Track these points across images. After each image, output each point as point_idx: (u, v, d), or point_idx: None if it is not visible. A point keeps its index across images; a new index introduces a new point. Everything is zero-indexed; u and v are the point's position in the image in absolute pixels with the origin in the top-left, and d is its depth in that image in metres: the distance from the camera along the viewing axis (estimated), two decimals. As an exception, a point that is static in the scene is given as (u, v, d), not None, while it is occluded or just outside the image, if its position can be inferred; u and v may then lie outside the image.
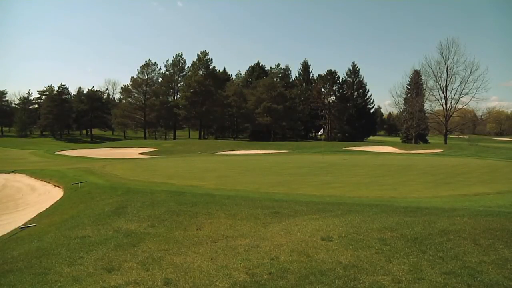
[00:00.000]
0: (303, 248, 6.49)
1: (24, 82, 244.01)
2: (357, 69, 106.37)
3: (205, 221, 8.85)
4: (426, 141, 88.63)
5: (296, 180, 17.53)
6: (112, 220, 9.43)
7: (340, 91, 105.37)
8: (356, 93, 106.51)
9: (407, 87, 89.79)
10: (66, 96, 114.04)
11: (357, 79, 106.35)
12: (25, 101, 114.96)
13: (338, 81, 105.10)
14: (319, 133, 53.85)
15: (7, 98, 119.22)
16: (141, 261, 6.18)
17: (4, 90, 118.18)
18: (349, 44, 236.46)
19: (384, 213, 8.95)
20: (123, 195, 13.01)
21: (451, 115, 75.69)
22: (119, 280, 5.39)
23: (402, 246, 6.38)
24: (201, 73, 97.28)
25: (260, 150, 52.24)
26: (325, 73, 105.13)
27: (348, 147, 55.99)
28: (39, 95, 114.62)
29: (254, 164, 25.99)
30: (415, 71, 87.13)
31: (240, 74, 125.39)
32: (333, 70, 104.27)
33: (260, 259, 6.05)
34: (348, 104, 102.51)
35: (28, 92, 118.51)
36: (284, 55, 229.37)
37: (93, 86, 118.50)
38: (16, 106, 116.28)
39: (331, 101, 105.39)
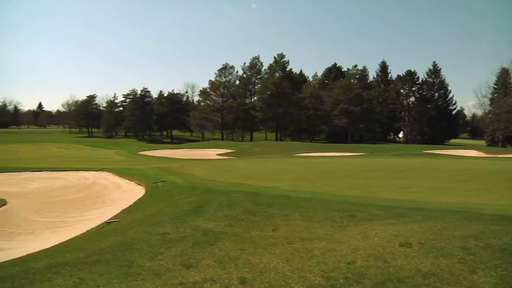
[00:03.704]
0: (380, 253, 6.29)
1: (111, 86, 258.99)
2: (438, 68, 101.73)
3: (281, 222, 8.86)
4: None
5: (373, 183, 17.13)
6: (191, 219, 9.69)
7: (420, 92, 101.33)
8: (437, 94, 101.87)
9: (493, 87, 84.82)
10: (148, 99, 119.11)
11: (438, 79, 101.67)
12: (111, 104, 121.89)
13: (417, 82, 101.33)
14: (399, 135, 52.17)
15: (96, 102, 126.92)
16: (218, 259, 6.29)
17: (93, 94, 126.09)
18: (430, 42, 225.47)
19: (467, 221, 8.46)
20: (201, 194, 13.34)
21: (545, 116, 70.27)
22: (197, 277, 5.52)
23: (488, 257, 5.96)
24: (277, 75, 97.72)
25: (337, 152, 51.61)
26: (404, 74, 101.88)
27: (428, 150, 53.81)
28: (123, 99, 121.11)
29: (331, 167, 25.71)
30: (503, 69, 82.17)
31: (317, 76, 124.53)
32: (412, 70, 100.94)
33: (336, 262, 5.94)
34: (428, 106, 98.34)
35: (114, 95, 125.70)
36: (361, 55, 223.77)
37: (173, 89, 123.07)
38: (104, 109, 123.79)
39: (410, 102, 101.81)
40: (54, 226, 13.43)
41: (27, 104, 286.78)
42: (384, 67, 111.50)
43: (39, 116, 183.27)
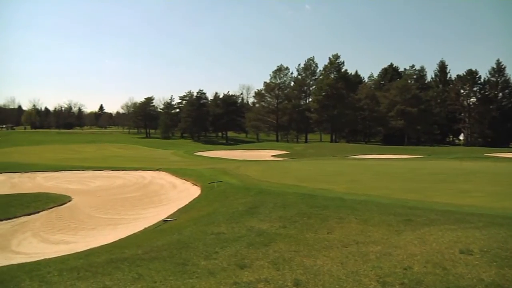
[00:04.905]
0: (438, 259, 6.07)
1: (168, 88, 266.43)
2: (503, 67, 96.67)
3: (335, 225, 8.75)
4: None
5: (431, 187, 16.57)
6: (245, 219, 9.76)
7: (482, 92, 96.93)
8: (500, 94, 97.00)
9: None
10: (204, 100, 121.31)
11: (502, 78, 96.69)
12: (168, 106, 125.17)
13: (479, 81, 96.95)
14: (460, 137, 49.99)
15: (153, 104, 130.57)
16: (272, 260, 6.30)
17: (151, 97, 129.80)
18: (493, 39, 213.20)
19: (536, 229, 7.99)
20: (256, 195, 13.40)
21: None
22: (251, 277, 5.55)
23: (561, 269, 5.59)
24: (332, 76, 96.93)
25: (393, 154, 50.44)
26: (464, 73, 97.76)
27: (490, 153, 51.26)
28: (180, 100, 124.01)
29: (387, 169, 25.13)
30: None
31: (373, 76, 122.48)
32: (473, 69, 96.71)
33: (392, 267, 5.80)
34: (490, 106, 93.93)
35: (171, 97, 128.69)
36: (419, 55, 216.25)
37: (228, 91, 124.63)
38: (161, 110, 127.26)
39: (470, 103, 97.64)
40: (114, 223, 13.95)
41: (90, 106, 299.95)
42: (442, 67, 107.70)
43: (100, 118, 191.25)
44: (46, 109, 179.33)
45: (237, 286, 5.27)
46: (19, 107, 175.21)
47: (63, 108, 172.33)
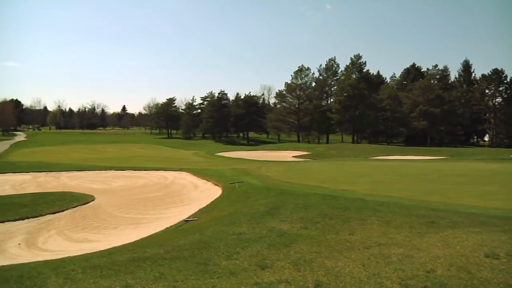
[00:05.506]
0: (463, 263, 5.96)
1: (189, 89, 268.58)
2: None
3: (357, 226, 8.70)
4: None
5: (455, 188, 16.30)
6: (266, 220, 9.77)
7: (508, 91, 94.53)
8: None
9: None
10: (225, 101, 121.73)
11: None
12: (190, 106, 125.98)
13: (505, 81, 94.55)
14: (485, 138, 48.84)
15: (175, 104, 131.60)
16: (293, 261, 6.29)
17: (173, 97, 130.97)
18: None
19: None
20: (277, 196, 13.40)
21: None
22: (272, 278, 5.55)
23: None
24: (354, 76, 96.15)
25: (416, 155, 49.73)
26: (489, 73, 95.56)
27: (516, 154, 50.20)
28: (201, 101, 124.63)
29: (409, 170, 24.82)
30: None
31: (395, 77, 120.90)
32: (499, 69, 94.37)
33: (415, 270, 5.73)
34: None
35: (192, 98, 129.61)
36: (442, 55, 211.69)
37: (249, 92, 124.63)
38: (182, 111, 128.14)
39: (496, 103, 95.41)
40: (136, 222, 14.11)
41: (112, 107, 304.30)
42: (467, 66, 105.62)
43: (123, 118, 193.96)
44: (70, 110, 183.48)
45: (258, 287, 5.27)
46: (45, 108, 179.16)
47: (86, 109, 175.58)
